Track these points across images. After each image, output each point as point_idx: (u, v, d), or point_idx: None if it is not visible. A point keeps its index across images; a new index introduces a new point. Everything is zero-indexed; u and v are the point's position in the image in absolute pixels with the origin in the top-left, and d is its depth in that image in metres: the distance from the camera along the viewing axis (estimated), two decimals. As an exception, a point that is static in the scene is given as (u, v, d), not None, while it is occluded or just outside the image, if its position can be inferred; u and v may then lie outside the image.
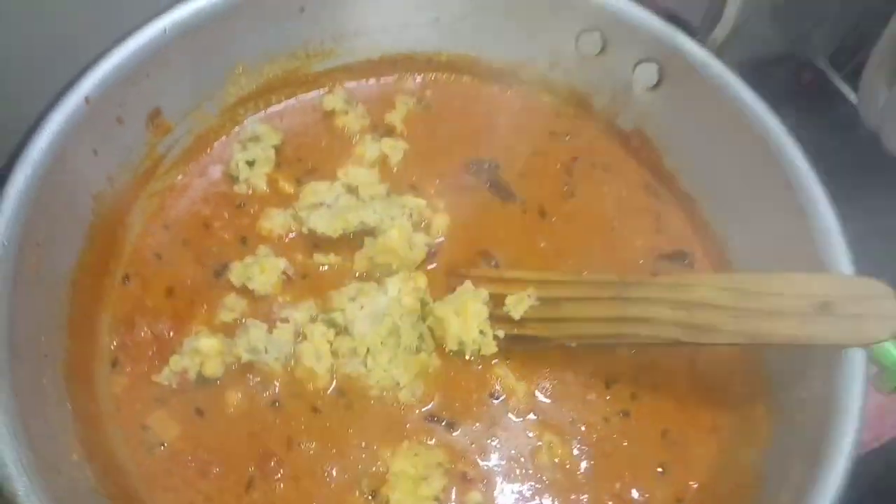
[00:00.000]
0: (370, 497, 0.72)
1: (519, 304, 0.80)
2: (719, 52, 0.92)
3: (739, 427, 0.78)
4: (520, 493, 0.74)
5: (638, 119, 0.96)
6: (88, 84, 0.77)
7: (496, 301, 0.81)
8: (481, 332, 0.79)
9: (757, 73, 1.71)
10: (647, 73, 0.93)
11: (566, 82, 1.00)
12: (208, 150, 0.93)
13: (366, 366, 0.77)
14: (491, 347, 0.79)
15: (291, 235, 0.87)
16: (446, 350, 0.80)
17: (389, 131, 0.97)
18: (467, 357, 0.79)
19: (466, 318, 0.79)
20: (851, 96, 1.50)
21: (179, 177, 0.91)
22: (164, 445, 0.73)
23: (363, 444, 0.75)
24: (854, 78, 1.45)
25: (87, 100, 0.77)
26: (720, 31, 0.90)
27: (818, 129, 1.57)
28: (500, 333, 0.80)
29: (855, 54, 1.51)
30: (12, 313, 0.65)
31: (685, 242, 0.92)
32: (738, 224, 0.88)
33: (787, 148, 0.82)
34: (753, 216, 0.86)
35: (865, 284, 0.70)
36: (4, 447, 0.58)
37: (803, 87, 1.61)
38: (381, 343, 0.77)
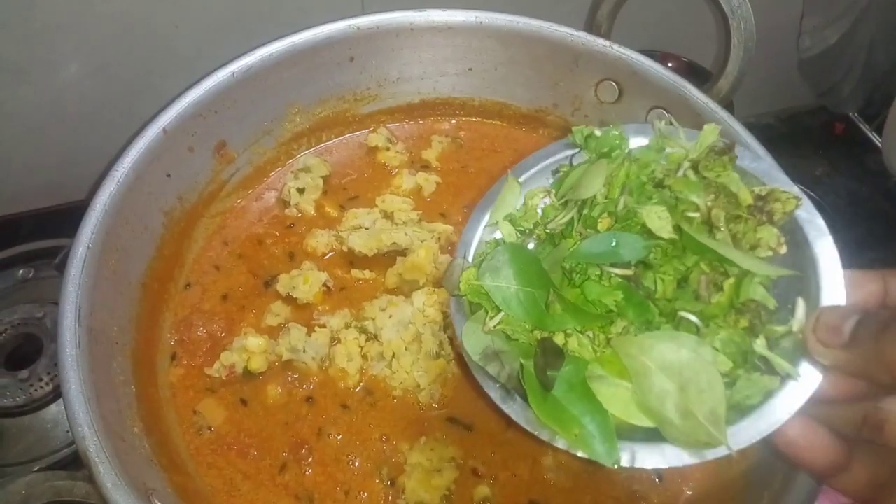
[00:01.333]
0: (389, 484, 0.80)
1: (533, 321, 0.88)
2: (724, 101, 1.00)
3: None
4: (525, 490, 0.81)
5: (651, 160, 1.05)
6: (166, 117, 0.91)
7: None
8: (497, 343, 0.87)
9: (792, 123, 1.77)
10: (658, 119, 1.02)
11: (586, 126, 1.09)
12: (265, 179, 1.06)
13: (391, 368, 0.86)
14: (505, 357, 0.87)
15: (332, 253, 0.98)
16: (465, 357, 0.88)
17: (425, 166, 1.09)
18: (483, 364, 0.87)
19: (483, 329, 0.87)
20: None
21: (239, 200, 1.03)
22: (211, 429, 0.83)
23: (384, 437, 0.83)
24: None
25: (164, 130, 0.90)
26: (724, 83, 0.99)
27: (852, 177, 1.63)
28: (515, 346, 0.88)
29: (884, 106, 1.57)
30: (93, 304, 0.77)
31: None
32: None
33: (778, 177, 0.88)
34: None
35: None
36: (81, 412, 0.69)
37: (836, 136, 1.67)
38: (406, 348, 0.86)
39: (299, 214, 1.02)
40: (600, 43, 1.01)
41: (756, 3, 0.98)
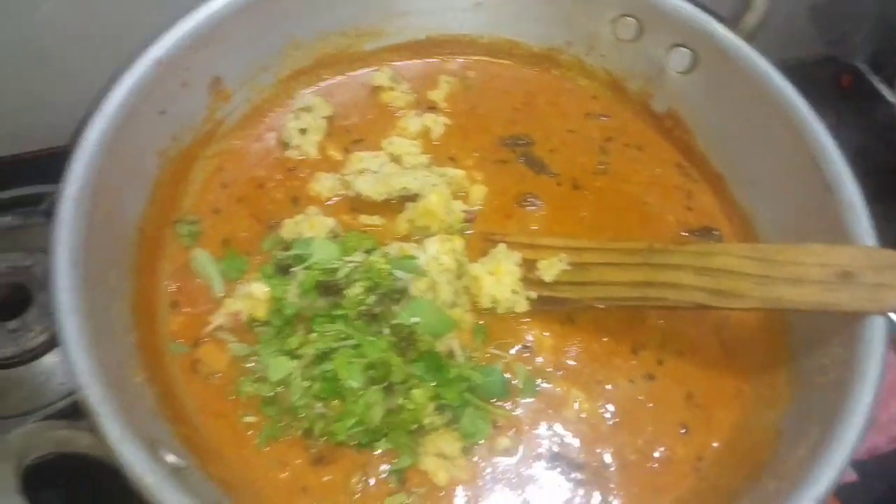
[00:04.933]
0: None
1: (551, 268, 0.84)
2: (750, 38, 0.95)
3: (761, 392, 0.81)
4: (545, 441, 0.78)
5: (671, 101, 1.00)
6: (159, 49, 0.85)
7: (529, 265, 0.85)
8: (514, 291, 0.84)
9: (797, 75, 1.74)
10: (680, 58, 0.97)
11: (602, 66, 1.05)
12: (264, 119, 1.00)
13: (405, 318, 0.82)
14: (522, 306, 0.84)
15: (338, 199, 0.93)
16: (480, 308, 0.84)
17: (432, 107, 1.03)
18: (500, 312, 0.84)
19: (500, 277, 0.83)
20: (892, 98, 1.51)
21: (237, 141, 0.97)
22: (218, 374, 0.79)
23: (401, 388, 0.79)
24: (895, 80, 1.47)
25: (157, 63, 0.84)
26: (751, 18, 0.94)
27: (859, 130, 1.59)
28: (532, 295, 0.84)
29: (894, 56, 1.52)
30: (87, 247, 0.71)
31: (714, 219, 0.95)
32: (765, 202, 0.91)
33: (815, 127, 0.85)
34: (781, 193, 0.89)
35: (886, 255, 0.73)
36: (80, 360, 0.64)
37: (843, 88, 1.62)
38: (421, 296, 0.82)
39: (301, 157, 0.96)
40: (619, -27, 0.96)
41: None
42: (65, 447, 0.62)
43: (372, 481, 0.74)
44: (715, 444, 0.78)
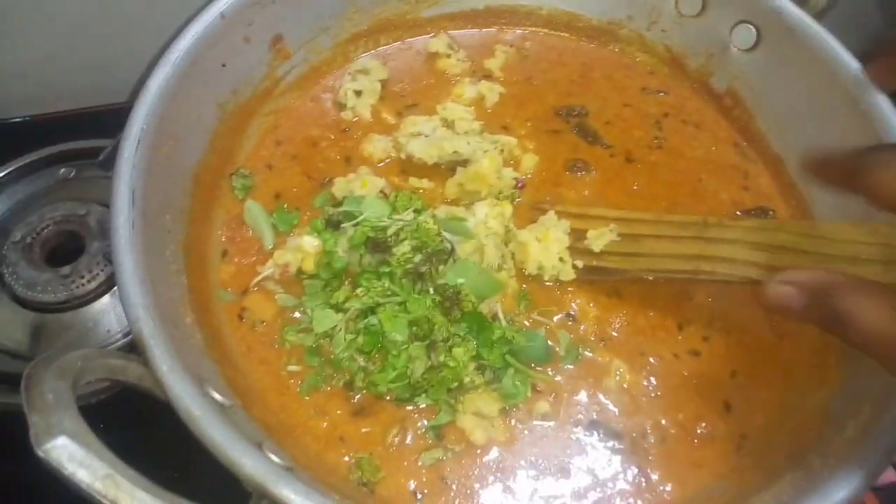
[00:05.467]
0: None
1: (600, 238, 0.83)
2: (819, 17, 0.92)
3: (810, 373, 0.79)
4: (585, 408, 0.77)
5: (732, 80, 0.98)
6: (224, 1, 0.86)
7: (577, 234, 0.85)
8: (561, 259, 0.83)
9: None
10: (744, 35, 0.95)
11: (662, 42, 1.03)
12: (321, 80, 1.01)
13: (451, 278, 0.82)
14: (569, 274, 0.83)
15: (389, 160, 0.93)
16: (526, 274, 0.84)
17: (487, 76, 1.03)
18: (546, 279, 0.83)
19: (547, 244, 0.83)
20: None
21: (293, 100, 0.99)
22: (263, 322, 0.80)
23: (442, 344, 0.79)
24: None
25: (222, 15, 0.85)
26: (822, -3, 0.91)
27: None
28: (579, 264, 0.83)
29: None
30: (146, 188, 0.73)
31: (770, 200, 0.93)
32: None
33: (884, 107, 0.82)
34: (842, 176, 0.86)
35: (953, 237, 0.70)
36: (135, 292, 0.66)
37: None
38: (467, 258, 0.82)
39: (355, 118, 0.97)
40: (685, -56, 0.94)
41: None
42: (117, 375, 0.63)
43: (409, 435, 0.75)
44: (759, 424, 0.77)
